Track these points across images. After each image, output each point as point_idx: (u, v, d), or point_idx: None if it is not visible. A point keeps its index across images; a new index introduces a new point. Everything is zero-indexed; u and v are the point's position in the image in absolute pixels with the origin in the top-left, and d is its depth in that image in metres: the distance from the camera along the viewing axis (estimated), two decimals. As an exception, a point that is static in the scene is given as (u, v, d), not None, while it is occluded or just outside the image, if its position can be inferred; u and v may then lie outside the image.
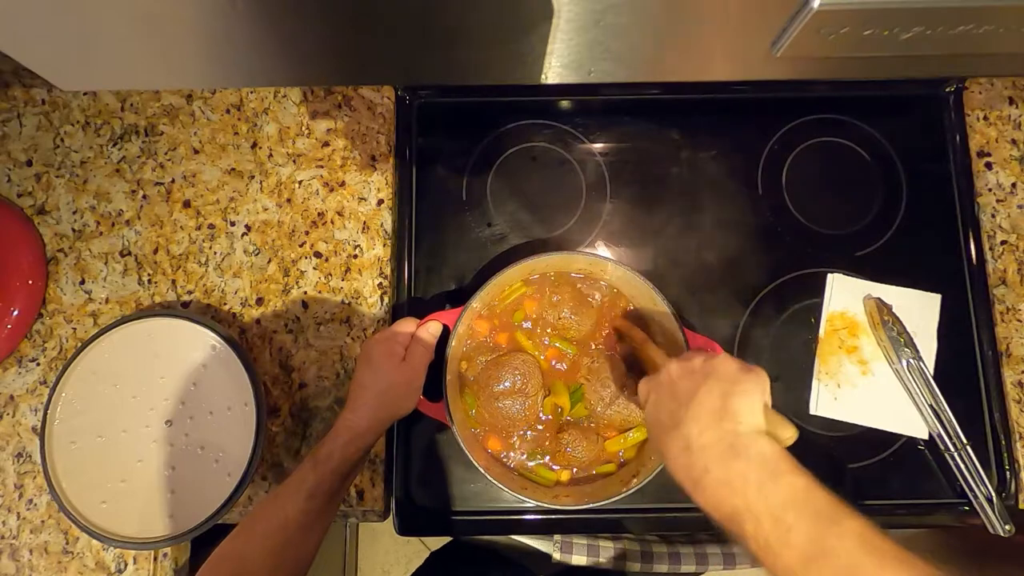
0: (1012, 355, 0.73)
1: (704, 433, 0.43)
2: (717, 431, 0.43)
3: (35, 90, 0.79)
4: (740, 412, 0.43)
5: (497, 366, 0.67)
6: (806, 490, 0.40)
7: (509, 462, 0.67)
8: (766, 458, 0.42)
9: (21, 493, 0.70)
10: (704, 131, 0.80)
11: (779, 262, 0.76)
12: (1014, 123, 0.79)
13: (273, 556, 0.53)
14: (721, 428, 0.43)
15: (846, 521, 0.39)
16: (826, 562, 0.37)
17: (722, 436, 0.43)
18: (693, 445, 0.44)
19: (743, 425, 0.43)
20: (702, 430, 0.43)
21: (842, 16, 0.32)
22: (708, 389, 0.45)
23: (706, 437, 0.43)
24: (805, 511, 0.39)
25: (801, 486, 0.40)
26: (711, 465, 0.42)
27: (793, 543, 0.38)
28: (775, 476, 0.41)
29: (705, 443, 0.43)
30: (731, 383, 0.45)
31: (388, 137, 0.78)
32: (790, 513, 0.39)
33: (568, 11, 0.33)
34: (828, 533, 0.38)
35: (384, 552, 1.48)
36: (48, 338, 0.73)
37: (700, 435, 0.43)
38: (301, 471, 0.57)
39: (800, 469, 0.42)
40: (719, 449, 0.43)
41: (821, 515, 0.39)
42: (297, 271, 0.75)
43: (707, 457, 0.43)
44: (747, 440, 0.42)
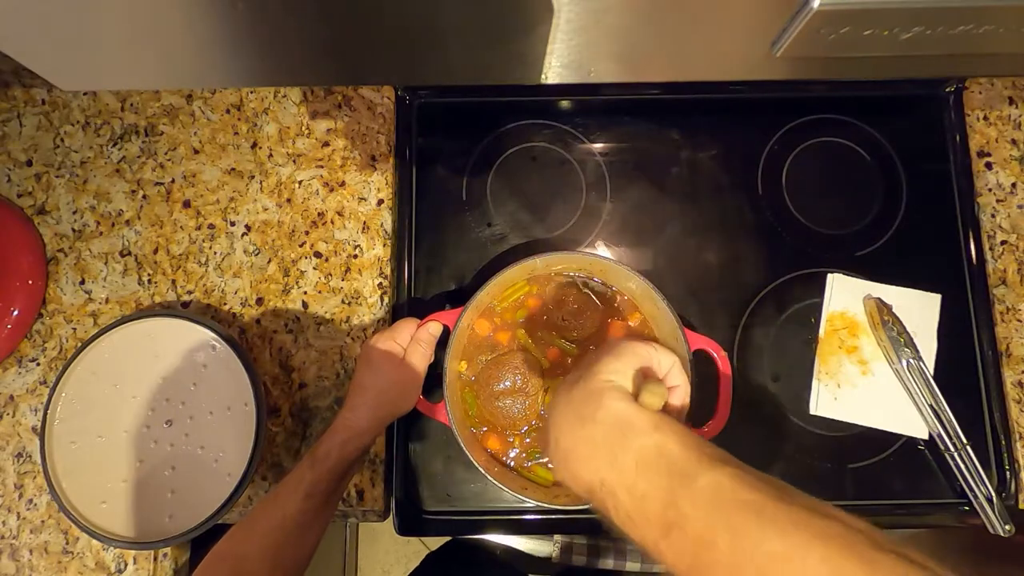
0: (1012, 355, 0.73)
1: (561, 400, 0.36)
2: (569, 393, 0.36)
3: (35, 90, 0.79)
4: (600, 370, 0.37)
5: (497, 365, 0.67)
6: (657, 448, 0.33)
7: (509, 461, 0.67)
8: (617, 418, 0.35)
9: (21, 493, 0.70)
10: (704, 131, 0.80)
11: (779, 262, 0.76)
12: (1014, 123, 0.79)
13: (271, 555, 0.53)
14: (575, 389, 0.36)
15: (701, 477, 0.32)
16: (680, 532, 0.31)
17: (571, 400, 0.36)
18: (550, 418, 0.37)
19: (596, 380, 0.36)
20: (562, 397, 0.37)
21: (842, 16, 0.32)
22: (590, 358, 0.38)
23: (560, 404, 0.36)
24: (657, 474, 0.33)
25: (653, 445, 0.33)
26: (560, 436, 0.36)
27: (649, 513, 0.32)
28: (625, 437, 0.34)
29: (559, 411, 0.37)
30: (613, 349, 0.38)
31: (388, 137, 0.78)
32: (642, 479, 0.33)
33: (568, 11, 0.33)
34: (680, 496, 0.31)
35: (384, 552, 1.48)
36: (48, 338, 0.73)
37: (557, 405, 0.37)
38: (299, 470, 0.57)
39: (659, 425, 0.34)
40: (569, 415, 0.36)
41: (673, 475, 0.32)
42: (297, 271, 0.75)
43: (557, 427, 0.36)
44: (598, 398, 0.35)
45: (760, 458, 0.72)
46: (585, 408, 0.36)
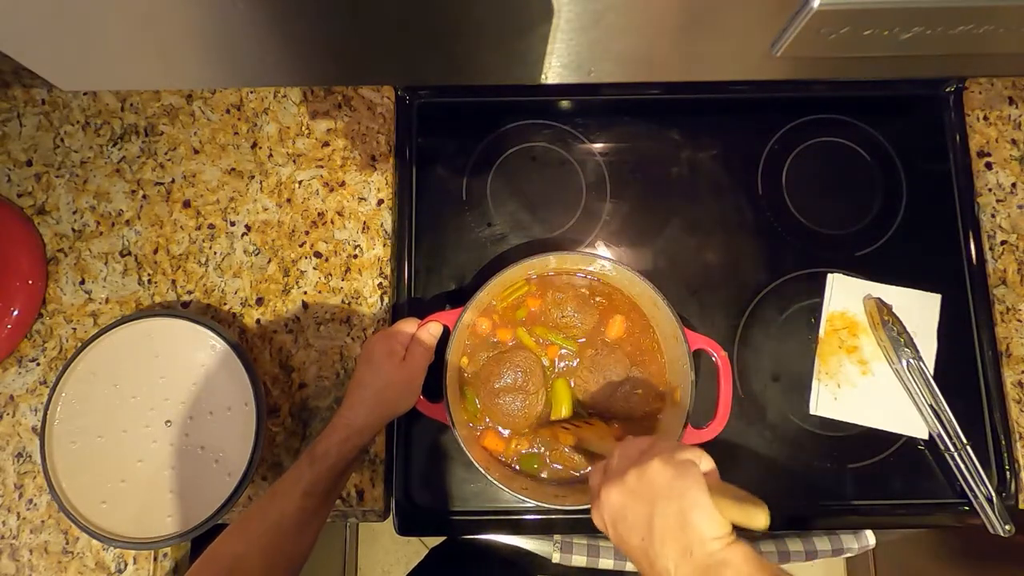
0: (1012, 355, 0.73)
1: (679, 563, 0.42)
2: (689, 558, 0.41)
3: (35, 90, 0.79)
4: (699, 526, 0.42)
5: (498, 362, 0.67)
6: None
7: (508, 459, 0.67)
8: (741, 575, 0.40)
9: (21, 493, 0.70)
10: (704, 131, 0.80)
11: (779, 262, 0.76)
12: (1014, 123, 0.79)
13: (268, 553, 0.53)
14: (691, 553, 0.41)
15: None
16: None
17: (695, 562, 0.41)
18: (673, 574, 0.42)
19: (709, 540, 0.41)
20: (676, 561, 0.42)
21: (842, 16, 0.32)
22: (660, 514, 0.43)
23: (682, 567, 0.42)
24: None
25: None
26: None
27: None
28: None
29: (682, 572, 0.42)
30: (675, 496, 0.43)
31: (388, 137, 0.78)
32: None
33: (568, 11, 0.33)
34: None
35: (384, 552, 1.48)
36: (48, 338, 0.73)
37: (676, 567, 0.42)
38: (297, 468, 0.57)
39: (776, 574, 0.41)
40: (698, 573, 0.41)
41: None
42: (297, 271, 0.75)
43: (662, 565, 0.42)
44: (719, 557, 0.41)
45: (760, 458, 0.72)
46: (711, 562, 0.41)
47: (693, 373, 0.64)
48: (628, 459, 0.47)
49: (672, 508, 0.43)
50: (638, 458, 0.46)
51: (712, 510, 0.42)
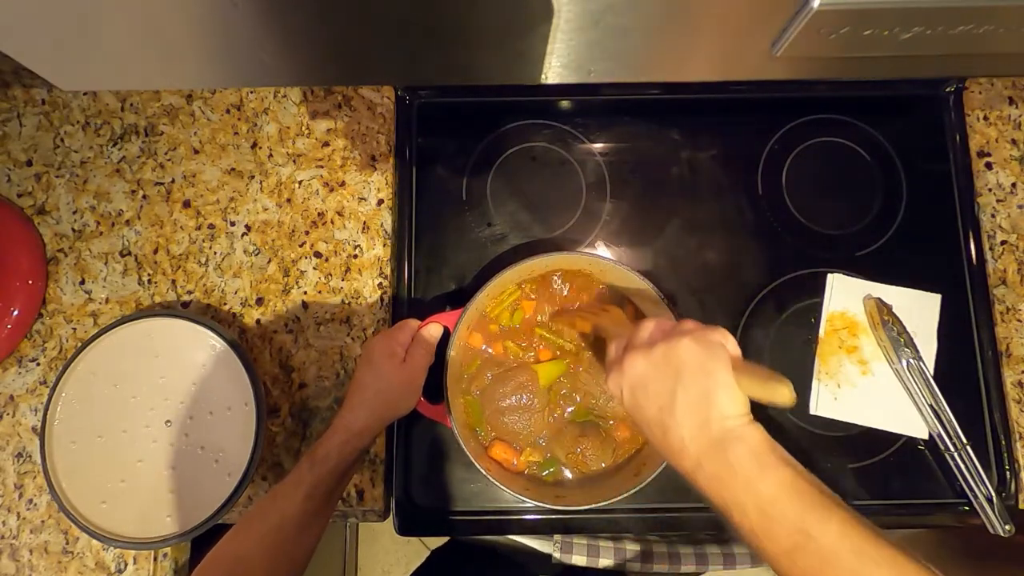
0: (1012, 355, 0.73)
1: (695, 435, 0.44)
2: (706, 430, 0.44)
3: (35, 90, 0.79)
4: (721, 403, 0.44)
5: (503, 381, 0.67)
6: (792, 483, 0.41)
7: (520, 469, 0.67)
8: (753, 451, 0.43)
9: (21, 493, 0.70)
10: (704, 131, 0.80)
11: (779, 262, 0.76)
12: (1014, 123, 0.79)
13: (270, 556, 0.53)
14: (708, 426, 0.44)
15: (830, 512, 0.40)
16: (806, 551, 0.39)
17: (711, 434, 0.43)
18: (687, 447, 0.44)
19: (728, 417, 0.43)
20: (692, 433, 0.44)
21: (842, 16, 0.32)
22: (684, 388, 0.44)
23: (698, 439, 0.44)
24: (789, 504, 0.41)
25: (787, 479, 0.42)
26: (703, 460, 0.44)
27: (776, 535, 0.40)
28: (762, 469, 0.42)
29: (697, 443, 0.44)
30: (703, 374, 0.44)
31: (388, 137, 0.78)
32: (775, 506, 0.41)
33: (568, 11, 0.33)
34: (810, 526, 0.40)
35: (384, 552, 1.48)
36: (48, 338, 0.73)
37: (692, 438, 0.44)
38: (298, 471, 0.57)
39: (786, 460, 0.43)
40: (709, 446, 0.43)
41: (805, 506, 0.41)
42: (297, 271, 0.75)
43: (699, 454, 0.44)
44: (735, 433, 0.43)
45: (760, 458, 0.72)
46: (726, 436, 0.43)
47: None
48: (657, 333, 0.48)
49: (697, 384, 0.44)
50: (667, 333, 0.47)
51: (735, 389, 0.44)
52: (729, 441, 0.43)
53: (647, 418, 0.47)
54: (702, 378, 0.44)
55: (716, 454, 0.43)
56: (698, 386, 0.44)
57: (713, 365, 0.44)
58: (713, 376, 0.44)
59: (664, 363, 0.46)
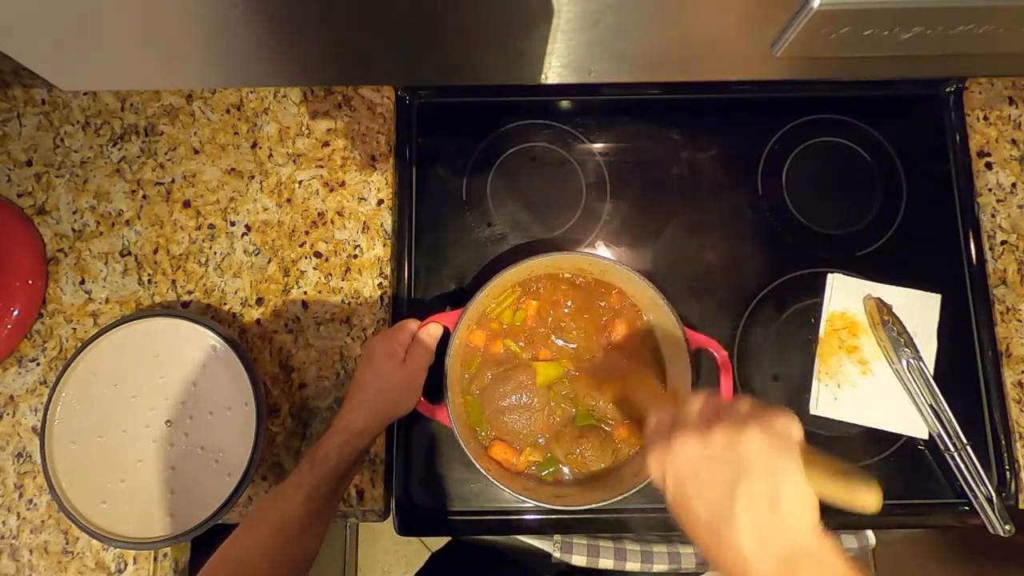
0: (1012, 355, 0.73)
1: (756, 551, 0.37)
2: (771, 546, 0.37)
3: (35, 90, 0.79)
4: (791, 512, 0.37)
5: (503, 380, 0.67)
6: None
7: (520, 469, 0.67)
8: (826, 567, 0.36)
9: (21, 493, 0.70)
10: (704, 131, 0.80)
11: (779, 262, 0.76)
12: (1014, 123, 0.79)
13: (272, 558, 0.53)
14: (774, 541, 0.37)
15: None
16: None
17: (777, 551, 0.37)
18: (749, 564, 0.37)
19: (799, 528, 0.37)
20: (754, 547, 0.37)
21: (842, 16, 0.32)
22: (748, 489, 0.38)
23: (760, 555, 0.37)
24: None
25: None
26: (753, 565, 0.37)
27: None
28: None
29: (760, 559, 0.37)
30: (770, 473, 0.38)
31: (388, 137, 0.78)
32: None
33: (568, 11, 0.33)
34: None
35: (384, 552, 1.48)
36: (48, 338, 0.73)
37: (753, 554, 0.37)
38: (299, 472, 0.57)
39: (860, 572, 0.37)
40: (776, 567, 0.37)
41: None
42: (297, 271, 0.75)
43: (756, 572, 0.37)
44: (808, 551, 0.37)
45: (760, 458, 0.72)
46: (798, 555, 0.36)
47: (693, 372, 0.64)
48: (710, 410, 0.42)
49: (763, 485, 0.38)
50: (725, 415, 0.40)
51: (808, 495, 0.37)
52: (800, 562, 0.36)
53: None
54: (769, 477, 0.38)
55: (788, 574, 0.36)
56: (764, 486, 0.37)
57: (783, 463, 0.38)
58: (783, 477, 0.38)
59: (724, 452, 0.39)
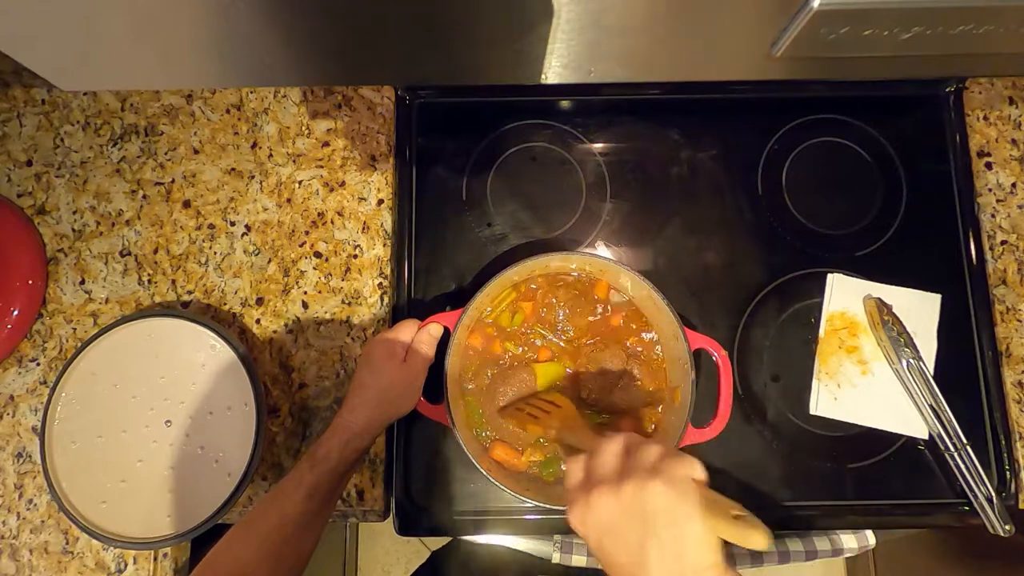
0: (1012, 355, 0.73)
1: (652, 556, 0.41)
2: (661, 552, 0.41)
3: (35, 90, 0.79)
4: (694, 556, 0.41)
5: (502, 380, 0.67)
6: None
7: (522, 469, 0.67)
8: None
9: (21, 493, 0.70)
10: (704, 131, 0.80)
11: (779, 262, 0.76)
12: (1014, 123, 0.79)
13: (271, 557, 0.53)
14: (667, 548, 0.41)
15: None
16: None
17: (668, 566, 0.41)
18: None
19: (703, 571, 0.41)
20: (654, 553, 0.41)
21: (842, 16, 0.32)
22: (657, 540, 0.42)
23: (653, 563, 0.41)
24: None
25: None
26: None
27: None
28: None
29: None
30: (674, 524, 0.42)
31: (388, 137, 0.78)
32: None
33: (568, 11, 0.33)
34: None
35: (384, 552, 1.48)
36: (48, 338, 0.73)
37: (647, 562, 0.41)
38: (298, 471, 0.57)
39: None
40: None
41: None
42: (297, 271, 0.75)
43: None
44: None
45: (760, 458, 0.72)
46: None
47: (694, 372, 0.64)
48: (616, 462, 0.45)
49: (669, 535, 0.42)
50: (634, 467, 0.44)
51: (709, 539, 0.41)
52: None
53: (616, 565, 0.44)
54: (674, 529, 0.42)
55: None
56: (669, 536, 0.42)
57: (685, 511, 0.42)
58: (686, 526, 0.42)
59: (634, 506, 0.43)
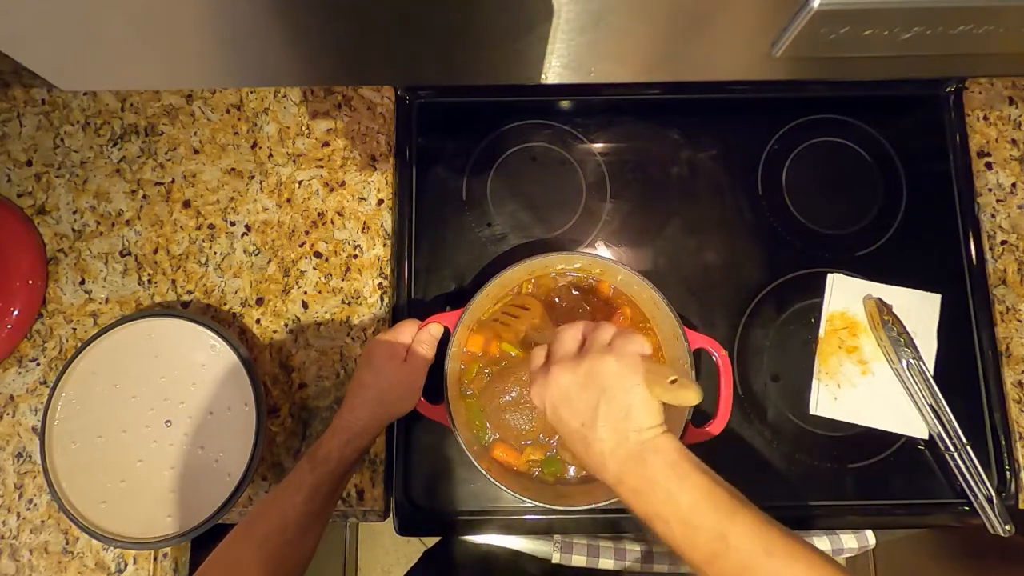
0: (1012, 355, 0.73)
1: (614, 449, 0.46)
2: (625, 445, 0.45)
3: (35, 90, 0.79)
4: (638, 417, 0.46)
5: (501, 379, 0.67)
6: (708, 489, 0.43)
7: (523, 469, 0.67)
8: (669, 461, 0.44)
9: (21, 493, 0.70)
10: (704, 131, 0.80)
11: (779, 262, 0.76)
12: (1014, 123, 0.79)
13: (272, 559, 0.53)
14: (627, 441, 0.45)
15: (743, 515, 0.43)
16: (726, 558, 0.42)
17: (629, 448, 0.45)
18: (607, 462, 0.46)
19: (644, 430, 0.45)
20: (612, 447, 0.46)
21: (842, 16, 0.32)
22: (607, 405, 0.46)
23: (617, 453, 0.46)
24: (706, 512, 0.43)
25: (703, 486, 0.44)
26: (624, 476, 0.45)
27: (698, 544, 0.43)
28: (680, 479, 0.44)
29: (617, 457, 0.46)
30: (622, 390, 0.46)
31: (388, 137, 0.78)
32: (694, 515, 0.43)
33: (568, 11, 0.33)
34: (726, 531, 0.42)
35: (384, 552, 1.48)
36: (48, 338, 0.73)
37: (611, 453, 0.46)
38: (298, 472, 0.57)
39: (700, 467, 0.45)
40: (628, 459, 0.45)
41: (721, 513, 0.43)
42: (297, 271, 0.75)
43: (620, 468, 0.46)
44: (651, 445, 0.45)
45: (760, 458, 0.72)
46: (643, 449, 0.45)
47: (694, 372, 0.64)
48: (575, 344, 0.50)
49: (617, 400, 0.46)
50: (590, 347, 0.48)
51: (651, 402, 0.46)
52: (646, 453, 0.45)
53: (570, 431, 0.48)
54: (622, 394, 0.46)
55: (635, 468, 0.45)
56: (618, 401, 0.46)
57: (631, 381, 0.46)
58: (631, 392, 0.46)
59: (588, 380, 0.47)
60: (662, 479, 0.44)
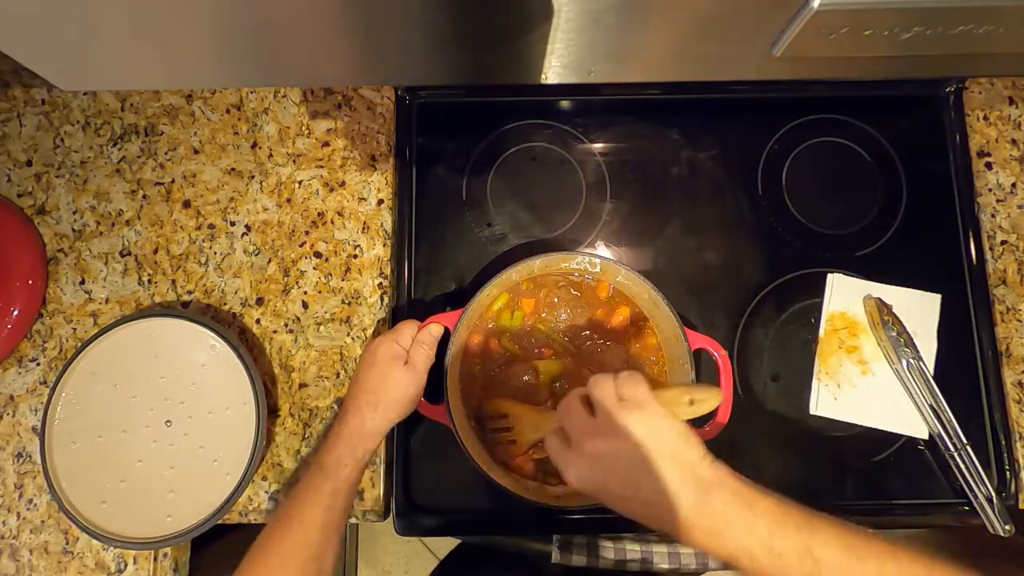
0: (1012, 355, 0.73)
1: (677, 498, 0.43)
2: (685, 489, 0.43)
3: (35, 90, 0.79)
4: (683, 454, 0.44)
5: (502, 380, 0.67)
6: (779, 511, 0.42)
7: (525, 469, 0.67)
8: (734, 492, 0.43)
9: (21, 493, 0.70)
10: (704, 131, 0.80)
11: (779, 262, 0.76)
12: (1014, 123, 0.79)
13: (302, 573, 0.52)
14: (685, 485, 0.43)
15: (821, 527, 0.42)
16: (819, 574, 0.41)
17: (689, 494, 0.43)
18: (675, 515, 0.44)
19: (696, 466, 0.44)
20: (674, 500, 0.43)
21: (842, 16, 0.32)
22: (649, 452, 0.44)
23: (680, 500, 0.43)
24: (787, 534, 0.42)
25: (774, 508, 0.42)
26: (696, 520, 0.43)
27: (789, 567, 0.41)
28: (750, 507, 0.42)
29: (682, 507, 0.43)
30: (657, 434, 0.44)
31: (388, 137, 0.78)
32: (777, 540, 0.42)
33: (568, 11, 0.33)
34: (813, 548, 0.41)
35: (384, 552, 1.48)
36: (48, 338, 0.73)
37: (676, 504, 0.43)
38: (310, 484, 0.56)
39: (760, 488, 0.44)
40: (694, 506, 0.43)
41: (800, 532, 0.42)
42: (297, 271, 0.75)
43: (688, 515, 0.43)
44: (709, 481, 0.43)
45: (760, 458, 0.72)
46: (701, 487, 0.43)
47: (694, 372, 0.64)
48: (582, 415, 0.48)
49: (659, 447, 0.44)
50: (600, 406, 0.46)
51: (688, 435, 0.44)
52: (710, 491, 0.43)
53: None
54: (661, 440, 0.44)
55: (704, 509, 0.43)
56: (660, 450, 0.44)
57: (662, 424, 0.44)
58: (669, 433, 0.44)
59: (622, 441, 0.45)
60: (734, 514, 0.42)
